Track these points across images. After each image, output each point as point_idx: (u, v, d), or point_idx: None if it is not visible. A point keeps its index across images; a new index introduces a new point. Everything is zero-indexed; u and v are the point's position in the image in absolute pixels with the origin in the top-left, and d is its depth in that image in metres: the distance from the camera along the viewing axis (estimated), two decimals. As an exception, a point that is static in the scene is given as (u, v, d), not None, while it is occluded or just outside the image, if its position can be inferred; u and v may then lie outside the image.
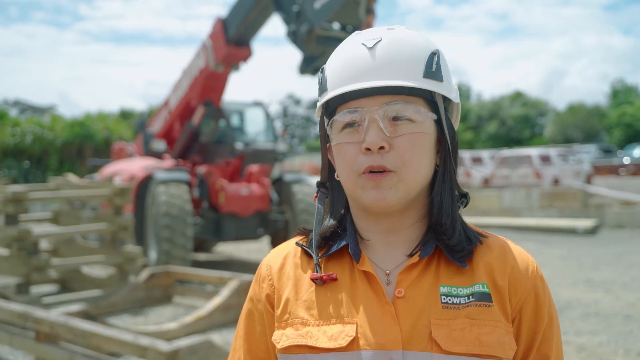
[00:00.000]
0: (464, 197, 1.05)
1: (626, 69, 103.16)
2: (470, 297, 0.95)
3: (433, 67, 0.97)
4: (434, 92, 0.98)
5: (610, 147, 32.52)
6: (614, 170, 25.71)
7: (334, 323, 0.96)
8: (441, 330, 0.92)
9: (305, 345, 0.96)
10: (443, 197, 1.00)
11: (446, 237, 0.98)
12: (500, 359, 0.93)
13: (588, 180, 19.36)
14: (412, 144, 0.95)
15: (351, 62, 0.98)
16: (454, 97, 1.02)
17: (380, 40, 0.97)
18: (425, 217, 1.02)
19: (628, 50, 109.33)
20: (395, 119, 0.95)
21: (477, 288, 0.96)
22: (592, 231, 12.84)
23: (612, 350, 4.96)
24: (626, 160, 26.78)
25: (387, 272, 1.00)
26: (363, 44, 0.98)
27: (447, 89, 1.00)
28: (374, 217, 1.01)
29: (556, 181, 18.95)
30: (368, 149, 0.94)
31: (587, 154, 27.41)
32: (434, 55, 0.98)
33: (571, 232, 12.90)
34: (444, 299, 0.95)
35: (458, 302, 0.95)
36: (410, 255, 0.99)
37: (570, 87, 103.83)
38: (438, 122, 1.00)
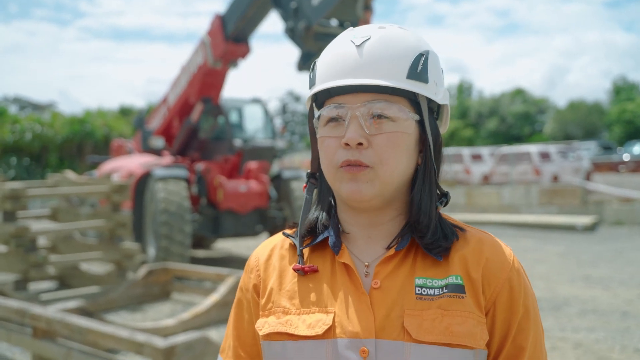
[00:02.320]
0: (444, 197, 1.06)
1: (628, 65, 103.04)
2: (444, 288, 0.98)
3: (418, 68, 0.98)
4: (417, 93, 0.99)
5: (610, 144, 32.51)
6: (613, 167, 25.69)
7: (314, 312, 1.00)
8: (413, 320, 0.95)
9: (284, 333, 1.00)
10: (422, 196, 1.02)
11: (421, 235, 1.00)
12: (471, 349, 0.95)
13: (587, 177, 19.37)
14: (390, 143, 0.97)
15: (339, 58, 1.00)
16: (440, 99, 1.02)
17: (369, 38, 0.99)
18: (405, 213, 1.05)
19: (630, 46, 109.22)
20: (379, 117, 0.97)
21: (451, 280, 0.99)
22: (591, 228, 12.84)
23: (608, 346, 4.97)
24: (626, 157, 26.74)
25: (367, 264, 1.03)
26: (352, 42, 1.00)
27: (433, 90, 1.00)
28: (355, 210, 1.04)
29: (555, 178, 18.94)
30: (347, 144, 0.97)
31: (587, 150, 27.40)
32: (421, 57, 0.99)
33: (570, 228, 12.90)
34: (419, 290, 0.98)
35: (432, 293, 0.98)
36: (388, 248, 1.02)
37: (573, 84, 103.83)
38: (421, 123, 1.01)
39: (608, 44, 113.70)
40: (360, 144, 0.96)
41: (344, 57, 0.99)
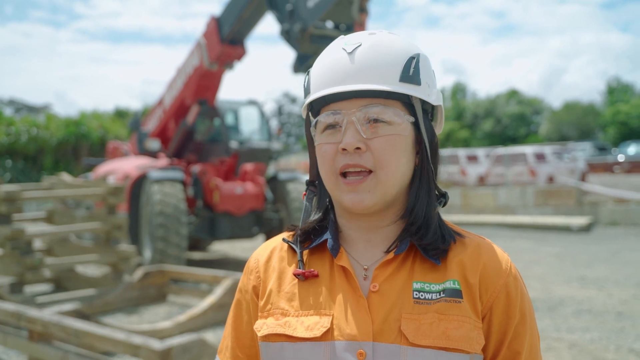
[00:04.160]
0: (443, 197, 1.08)
1: (625, 66, 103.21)
2: (442, 293, 0.99)
3: (410, 71, 1.00)
4: (411, 96, 1.01)
5: (605, 144, 32.60)
6: (608, 168, 25.76)
7: (312, 314, 1.01)
8: (410, 324, 0.96)
9: (283, 334, 1.01)
10: (419, 197, 1.03)
11: (419, 236, 1.02)
12: (467, 353, 0.96)
13: (583, 178, 19.42)
14: (388, 145, 0.98)
15: (332, 66, 1.02)
16: (434, 100, 1.04)
17: (360, 45, 1.01)
18: (404, 216, 1.06)
19: (626, 48, 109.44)
20: (375, 121, 0.99)
21: (449, 284, 0.99)
22: (586, 229, 12.88)
23: (603, 346, 4.99)
24: (621, 158, 26.80)
25: (366, 267, 1.04)
26: (343, 49, 1.02)
27: (426, 92, 1.02)
28: (355, 215, 1.05)
29: (551, 179, 18.99)
30: (345, 150, 0.98)
31: (582, 151, 27.50)
32: (412, 60, 1.01)
33: (565, 229, 12.94)
34: (416, 294, 0.99)
35: (430, 297, 0.98)
36: (387, 251, 1.03)
37: (570, 85, 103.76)
38: (416, 124, 1.03)
39: (604, 45, 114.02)
40: (358, 148, 0.98)
41: (337, 64, 1.01)
